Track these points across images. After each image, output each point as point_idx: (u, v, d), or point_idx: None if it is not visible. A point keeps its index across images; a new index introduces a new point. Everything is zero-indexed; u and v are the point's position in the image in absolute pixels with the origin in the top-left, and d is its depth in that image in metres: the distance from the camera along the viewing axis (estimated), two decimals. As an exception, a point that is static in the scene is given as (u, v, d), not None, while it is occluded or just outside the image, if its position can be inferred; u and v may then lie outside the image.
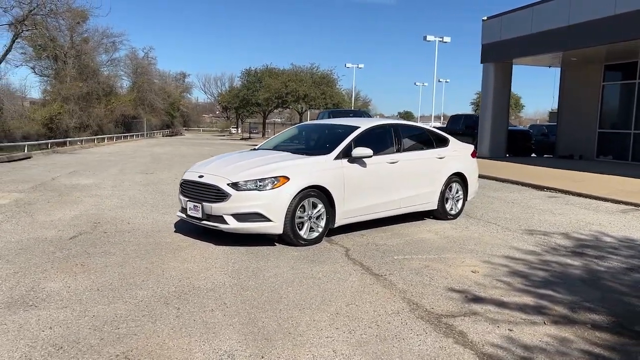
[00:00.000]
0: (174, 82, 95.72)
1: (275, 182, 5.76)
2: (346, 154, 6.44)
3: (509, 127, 22.30)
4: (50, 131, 37.81)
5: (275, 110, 60.73)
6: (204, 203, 5.88)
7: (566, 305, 4.23)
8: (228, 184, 5.75)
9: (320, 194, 6.08)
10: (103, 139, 41.05)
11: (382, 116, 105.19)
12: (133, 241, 6.11)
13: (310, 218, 6.02)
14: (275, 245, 5.99)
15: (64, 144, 31.05)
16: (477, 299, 4.32)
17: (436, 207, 7.66)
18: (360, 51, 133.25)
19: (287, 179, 5.82)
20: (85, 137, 39.18)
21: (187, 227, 6.73)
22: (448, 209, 7.79)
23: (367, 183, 6.59)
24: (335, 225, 6.33)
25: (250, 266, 5.14)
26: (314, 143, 7.43)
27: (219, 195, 5.77)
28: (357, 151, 6.42)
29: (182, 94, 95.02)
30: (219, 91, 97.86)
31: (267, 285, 4.56)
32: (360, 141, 6.69)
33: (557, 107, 21.41)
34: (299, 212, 5.90)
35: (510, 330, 3.68)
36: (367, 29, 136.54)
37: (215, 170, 6.17)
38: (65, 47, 46.54)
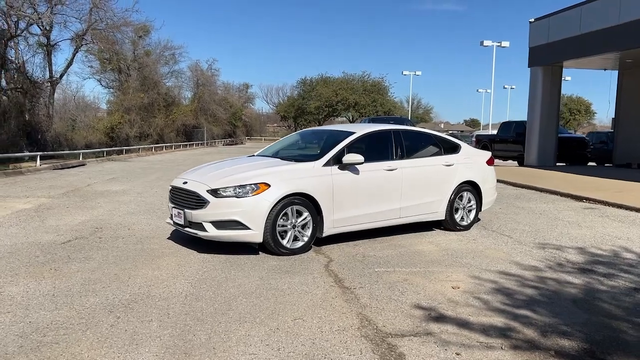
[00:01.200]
0: (237, 92, 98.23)
1: (255, 189, 5.61)
2: (337, 160, 6.19)
3: (565, 135, 21.14)
4: (111, 140, 39.57)
5: (332, 118, 60.94)
6: (185, 210, 5.81)
7: (538, 328, 3.80)
8: (207, 191, 5.65)
9: (305, 201, 5.86)
10: (162, 148, 42.55)
11: (447, 125, 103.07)
12: (121, 247, 6.13)
13: (294, 227, 5.82)
14: (259, 254, 5.83)
15: (121, 152, 32.39)
16: (441, 318, 3.96)
17: (444, 218, 7.24)
18: (418, 58, 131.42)
19: (268, 185, 5.65)
20: (144, 146, 40.83)
21: (180, 235, 6.69)
22: (458, 220, 7.34)
23: (360, 191, 6.31)
24: (324, 235, 6.09)
25: (218, 276, 4.99)
26: (310, 149, 7.23)
27: (199, 202, 5.68)
28: (348, 158, 6.16)
29: (245, 104, 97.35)
30: (280, 101, 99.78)
31: (223, 296, 4.40)
32: (354, 148, 6.43)
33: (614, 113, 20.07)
34: (281, 220, 5.71)
35: (458, 355, 3.32)
36: (426, 35, 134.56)
37: (199, 176, 6.10)
38: (129, 60, 48.78)
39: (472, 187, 7.50)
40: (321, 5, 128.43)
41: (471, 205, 7.51)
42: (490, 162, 7.91)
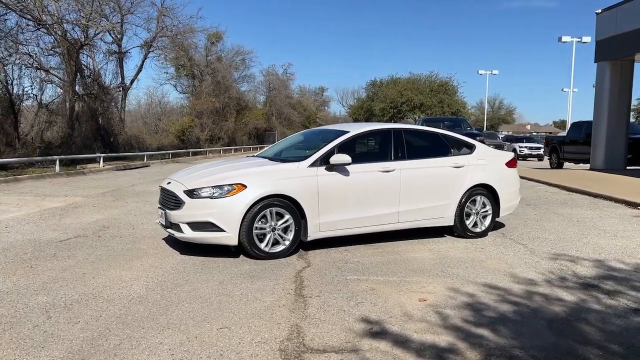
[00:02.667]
0: (313, 96, 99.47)
1: (231, 190, 5.45)
2: (325, 161, 5.90)
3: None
4: (182, 142, 41.14)
5: (397, 120, 59.97)
6: (166, 210, 5.76)
7: (485, 351, 3.33)
8: (184, 191, 5.57)
9: (287, 204, 5.63)
10: (231, 150, 43.72)
11: (535, 127, 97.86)
12: (111, 246, 6.19)
13: (274, 230, 5.60)
14: (239, 257, 5.66)
15: (187, 154, 33.60)
16: (380, 334, 3.59)
17: (453, 223, 6.72)
18: (494, 57, 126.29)
19: (244, 186, 5.47)
20: (213, 148, 42.19)
21: (174, 235, 6.66)
22: (469, 226, 6.79)
23: (351, 193, 5.98)
24: (309, 239, 5.82)
25: (180, 279, 4.87)
26: (302, 149, 6.96)
27: (176, 202, 5.61)
28: (335, 158, 5.85)
29: (320, 108, 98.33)
30: (353, 104, 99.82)
31: (168, 300, 4.26)
32: (345, 148, 6.12)
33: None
34: (260, 222, 5.51)
35: (369, 377, 2.96)
36: (503, 33, 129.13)
37: (181, 177, 6.03)
38: (201, 66, 50.64)
39: (487, 190, 6.91)
40: (399, 5, 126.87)
41: (486, 211, 6.92)
42: (511, 164, 7.27)
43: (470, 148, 7.01)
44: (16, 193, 11.50)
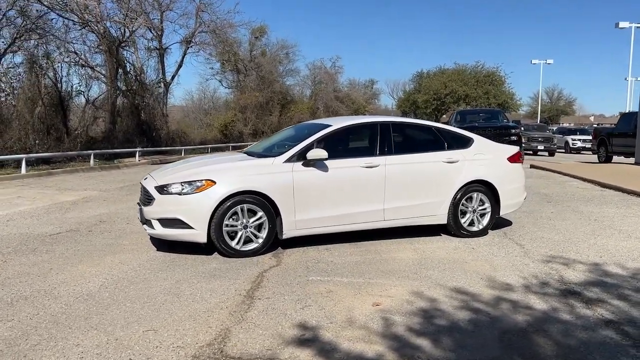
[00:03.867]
0: (362, 89, 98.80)
1: (200, 186, 5.33)
2: (303, 156, 5.69)
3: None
4: (225, 137, 41.76)
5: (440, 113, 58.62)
6: (141, 206, 5.72)
7: (412, 365, 3.06)
8: (155, 187, 5.50)
9: (260, 200, 5.46)
10: (273, 144, 43.91)
11: (599, 118, 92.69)
12: (95, 241, 6.23)
13: (245, 227, 5.44)
14: (212, 255, 5.55)
15: (227, 148, 34.05)
16: (309, 341, 3.38)
17: (446, 222, 6.36)
18: (553, 46, 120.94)
19: (213, 182, 5.34)
20: (254, 142, 42.55)
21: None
22: (465, 224, 6.41)
23: (330, 190, 5.75)
24: (285, 237, 5.64)
25: (140, 276, 4.81)
26: (285, 144, 6.75)
27: (149, 198, 5.55)
28: (312, 153, 5.63)
29: (369, 100, 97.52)
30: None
31: (114, 298, 4.20)
32: (326, 142, 5.89)
33: None
34: (231, 220, 5.37)
35: (269, 390, 2.76)
36: (561, 21, 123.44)
37: (158, 172, 5.97)
38: (246, 61, 51.15)
39: (485, 187, 6.50)
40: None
41: (484, 209, 6.51)
42: (514, 159, 6.80)
43: (467, 142, 6.60)
44: (40, 187, 11.90)
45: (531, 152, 27.07)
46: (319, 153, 5.61)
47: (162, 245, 5.90)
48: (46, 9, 20.30)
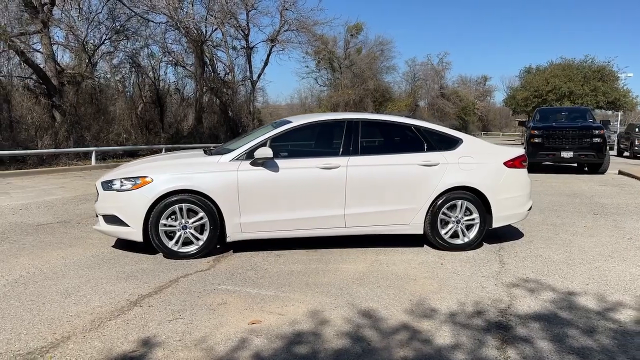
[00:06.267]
0: (474, 85, 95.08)
1: (136, 183, 5.19)
2: (251, 155, 5.35)
3: None
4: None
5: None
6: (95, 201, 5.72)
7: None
8: (101, 182, 5.45)
9: (202, 200, 5.20)
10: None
11: None
12: (70, 233, 6.38)
13: (184, 228, 5.22)
14: (156, 255, 5.39)
15: (311, 145, 34.22)
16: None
17: (422, 232, 5.68)
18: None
19: (150, 180, 5.17)
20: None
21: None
22: (445, 236, 5.67)
23: (281, 192, 5.34)
24: (230, 240, 5.34)
25: (60, 273, 4.76)
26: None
27: (97, 193, 5.52)
28: (259, 152, 5.26)
29: (480, 98, 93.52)
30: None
31: (5, 295, 4.16)
32: (282, 140, 5.50)
33: None
34: (169, 219, 5.18)
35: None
36: None
37: (119, 169, 5.93)
38: (340, 59, 51.17)
39: (473, 194, 5.70)
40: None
41: (472, 219, 5.72)
42: (514, 164, 5.90)
43: (453, 144, 5.83)
44: (90, 178, 12.62)
45: (640, 158, 23.98)
46: (265, 152, 5.23)
47: (119, 242, 5.85)
48: (133, 12, 21.55)
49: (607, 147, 15.04)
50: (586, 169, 15.74)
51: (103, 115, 23.13)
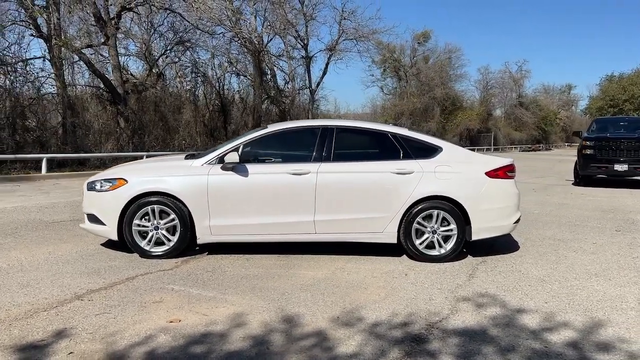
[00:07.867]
0: (558, 94, 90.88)
1: (113, 185, 5.48)
2: (222, 159, 5.50)
3: None
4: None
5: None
6: (86, 201, 6.08)
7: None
8: (87, 183, 5.79)
9: (174, 202, 5.42)
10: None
11: None
12: (70, 229, 6.83)
13: (157, 229, 5.44)
14: (130, 255, 5.65)
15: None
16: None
17: (395, 241, 5.57)
18: None
19: (125, 181, 5.45)
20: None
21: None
22: (420, 247, 5.52)
23: (251, 197, 5.45)
24: (200, 242, 5.51)
25: (33, 267, 5.10)
26: None
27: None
28: (228, 157, 5.41)
29: (564, 107, 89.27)
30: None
31: (-27, 283, 4.54)
32: (254, 146, 5.63)
33: None
34: (143, 220, 5.43)
35: None
36: None
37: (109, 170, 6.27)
38: (407, 67, 50.67)
39: (451, 204, 5.53)
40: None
41: (449, 230, 5.54)
42: (497, 174, 5.65)
43: (431, 152, 5.68)
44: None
45: None
46: (232, 157, 5.36)
47: (113, 240, 6.16)
48: (192, 25, 22.55)
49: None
50: (646, 183, 14.64)
51: (165, 122, 24.38)
